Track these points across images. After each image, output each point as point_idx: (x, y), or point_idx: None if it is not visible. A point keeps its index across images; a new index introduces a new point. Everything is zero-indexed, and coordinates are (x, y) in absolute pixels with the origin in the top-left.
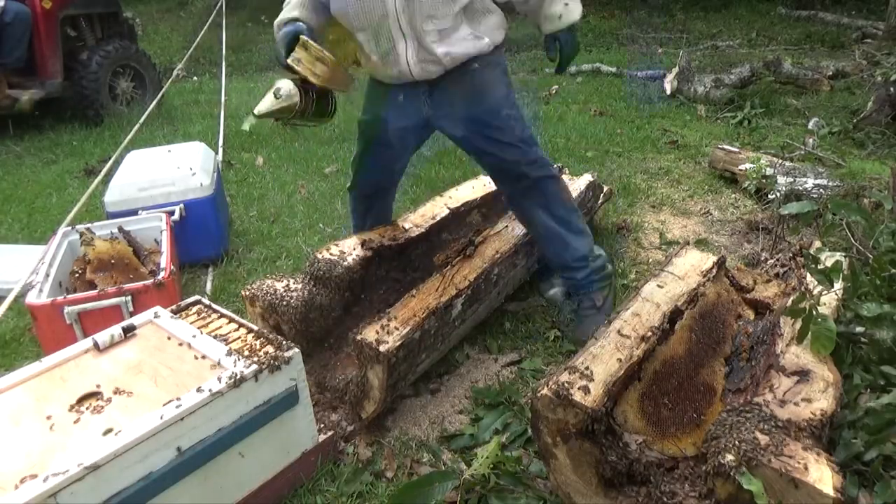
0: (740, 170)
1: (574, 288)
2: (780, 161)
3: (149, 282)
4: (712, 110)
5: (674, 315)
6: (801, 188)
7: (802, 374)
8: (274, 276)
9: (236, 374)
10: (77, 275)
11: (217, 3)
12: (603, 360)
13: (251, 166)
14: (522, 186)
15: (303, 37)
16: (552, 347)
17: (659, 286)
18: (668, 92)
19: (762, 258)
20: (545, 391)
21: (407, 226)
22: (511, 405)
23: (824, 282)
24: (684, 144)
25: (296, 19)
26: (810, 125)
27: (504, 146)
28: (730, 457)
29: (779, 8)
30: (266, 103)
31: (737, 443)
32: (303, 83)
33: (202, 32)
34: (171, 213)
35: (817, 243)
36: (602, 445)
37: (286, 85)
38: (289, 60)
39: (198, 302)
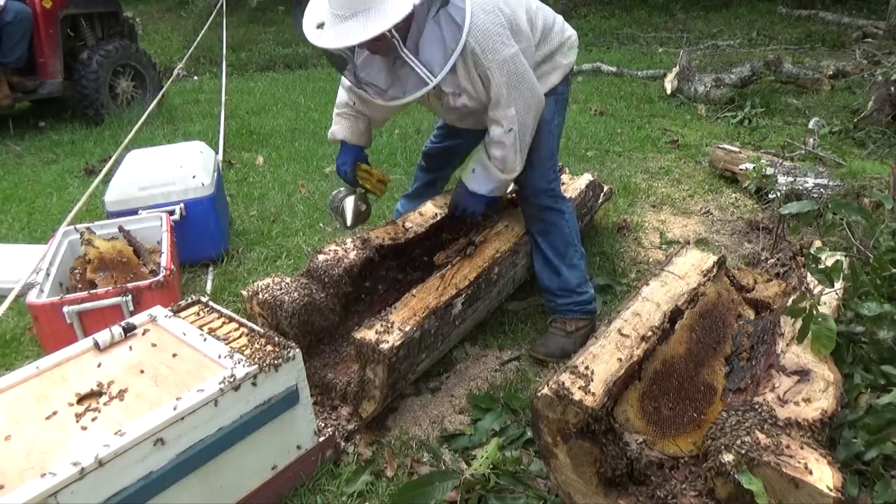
0: (741, 169)
1: (551, 310)
2: (781, 160)
3: (149, 281)
4: (713, 110)
5: (674, 314)
6: (801, 188)
7: (803, 374)
8: (274, 276)
9: (236, 374)
10: (77, 274)
11: (217, 3)
12: (603, 359)
13: (251, 166)
14: (530, 210)
15: (365, 165)
16: None
17: (660, 285)
18: (669, 91)
19: (762, 258)
20: (545, 390)
21: (407, 226)
22: (507, 408)
23: (825, 281)
24: (685, 144)
25: (347, 141)
26: (811, 125)
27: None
28: (730, 456)
29: (779, 7)
30: (357, 219)
31: (737, 442)
32: (366, 193)
33: (202, 32)
34: (172, 213)
35: (818, 243)
36: (602, 445)
37: (361, 200)
38: (360, 181)
39: (198, 301)
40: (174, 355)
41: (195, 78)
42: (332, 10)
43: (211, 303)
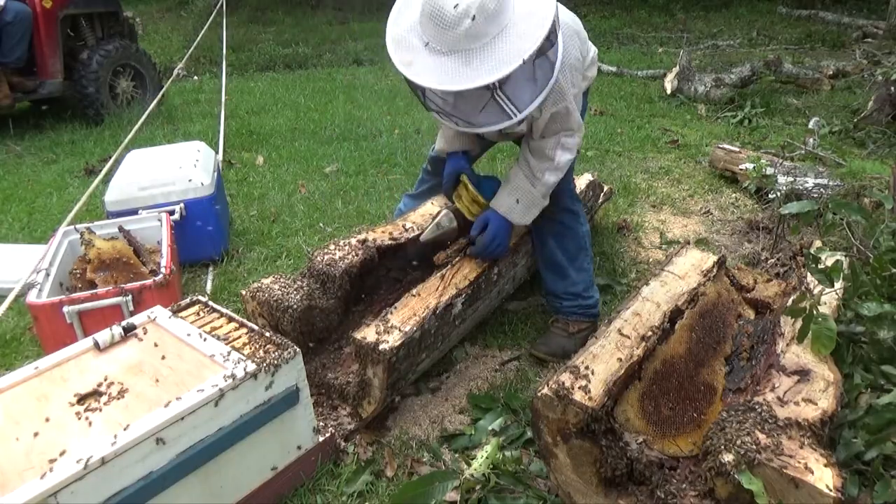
0: (741, 169)
1: (554, 310)
2: (781, 160)
3: (149, 281)
4: (713, 109)
5: (674, 314)
6: (801, 188)
7: (803, 374)
8: (274, 276)
9: (236, 374)
10: (77, 274)
11: (217, 3)
12: (603, 359)
13: (251, 165)
14: (549, 210)
15: (464, 177)
16: None
17: (660, 285)
18: (669, 91)
19: (762, 258)
20: (546, 390)
21: (407, 226)
22: (507, 408)
23: (825, 281)
24: (685, 144)
25: (456, 152)
26: (811, 124)
27: None
28: (730, 456)
29: (779, 7)
30: (431, 233)
31: (737, 442)
32: (458, 212)
33: (202, 32)
34: (172, 213)
35: (818, 243)
36: (602, 445)
37: (447, 216)
38: (454, 197)
39: (198, 301)
40: (174, 355)
41: (195, 78)
42: (423, 38)
43: (211, 303)
